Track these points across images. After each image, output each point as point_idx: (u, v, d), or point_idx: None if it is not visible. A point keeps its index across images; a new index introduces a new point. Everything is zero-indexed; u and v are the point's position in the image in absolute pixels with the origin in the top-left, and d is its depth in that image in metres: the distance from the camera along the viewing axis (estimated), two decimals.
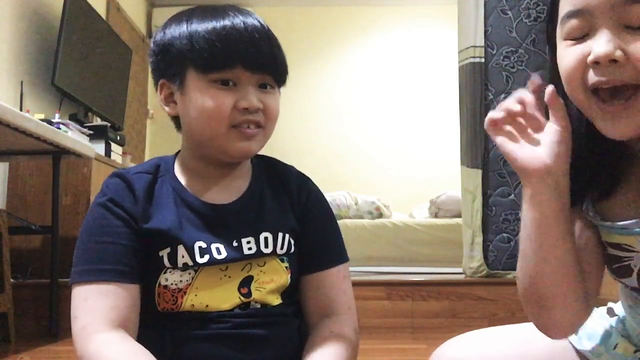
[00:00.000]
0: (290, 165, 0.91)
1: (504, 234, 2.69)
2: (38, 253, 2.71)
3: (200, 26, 0.76)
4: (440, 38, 4.89)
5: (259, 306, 0.79)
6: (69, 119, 3.03)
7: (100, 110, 3.43)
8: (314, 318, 0.84)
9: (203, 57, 0.75)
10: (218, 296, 0.77)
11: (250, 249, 0.79)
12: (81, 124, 3.06)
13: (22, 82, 2.88)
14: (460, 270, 2.82)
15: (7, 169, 2.85)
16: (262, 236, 0.80)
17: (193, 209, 0.80)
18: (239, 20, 0.76)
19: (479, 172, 2.71)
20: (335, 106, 5.04)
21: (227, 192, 0.83)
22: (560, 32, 0.68)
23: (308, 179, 0.90)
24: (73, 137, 2.46)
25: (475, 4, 2.79)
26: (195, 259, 0.76)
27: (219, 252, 0.77)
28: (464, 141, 2.83)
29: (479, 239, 2.67)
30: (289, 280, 0.82)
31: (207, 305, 0.76)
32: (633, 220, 0.69)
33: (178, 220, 0.78)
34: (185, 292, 0.76)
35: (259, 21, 0.79)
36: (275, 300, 0.80)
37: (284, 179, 0.87)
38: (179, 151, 0.86)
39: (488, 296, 2.49)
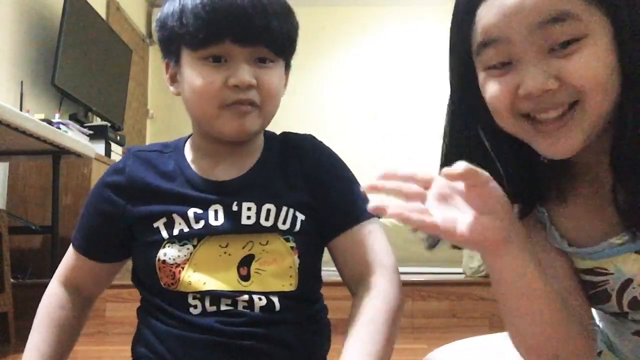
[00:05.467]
0: (307, 134, 0.86)
1: None
2: (38, 253, 2.71)
3: (190, 1, 0.72)
4: (441, 38, 4.87)
5: (263, 303, 0.74)
6: (69, 119, 3.03)
7: (100, 110, 3.43)
8: (351, 287, 0.79)
9: (190, 33, 0.72)
10: (216, 274, 0.74)
11: (249, 217, 0.76)
12: (81, 124, 3.06)
13: (22, 82, 2.88)
14: (460, 270, 2.82)
15: (7, 169, 2.85)
16: (264, 207, 0.76)
17: (193, 185, 0.78)
18: None
19: None
20: (336, 106, 5.04)
21: (233, 169, 0.80)
22: (477, 60, 0.64)
23: (321, 144, 0.85)
24: (73, 137, 2.46)
25: None
26: (190, 224, 0.75)
27: (215, 218, 0.75)
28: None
29: None
30: (297, 262, 0.76)
31: (204, 283, 0.74)
32: (602, 243, 0.66)
33: (175, 187, 0.78)
34: (182, 268, 0.75)
35: None
36: (281, 286, 0.75)
37: (299, 148, 0.83)
38: None
39: (488, 296, 2.48)
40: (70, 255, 0.86)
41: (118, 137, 3.38)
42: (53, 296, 0.86)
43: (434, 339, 1.97)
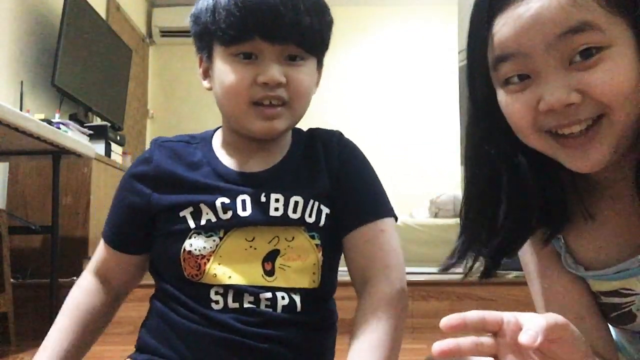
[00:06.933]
0: (334, 130, 0.87)
1: None
2: (38, 253, 2.71)
3: None
4: (440, 38, 4.88)
5: (285, 302, 0.74)
6: (69, 119, 3.02)
7: (100, 110, 3.43)
8: (357, 282, 0.78)
9: (222, 30, 0.72)
10: (241, 268, 0.74)
11: (277, 209, 0.75)
12: (81, 124, 3.05)
13: (22, 82, 2.88)
14: (460, 270, 2.82)
15: (7, 169, 2.85)
16: (292, 199, 0.76)
17: (221, 176, 0.78)
18: None
19: None
20: (336, 106, 5.03)
21: (261, 163, 0.80)
22: (495, 77, 0.62)
23: (348, 140, 0.86)
24: (73, 137, 2.46)
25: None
26: (218, 214, 0.75)
27: (243, 208, 0.75)
28: (464, 141, 2.83)
29: None
30: (321, 259, 0.76)
31: (229, 277, 0.74)
32: (629, 260, 0.63)
33: (202, 177, 0.78)
34: (208, 260, 0.74)
35: None
36: (303, 282, 0.75)
37: (326, 142, 0.83)
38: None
39: (488, 296, 2.48)
40: (100, 247, 0.86)
41: (118, 137, 3.38)
42: (83, 283, 0.85)
43: (434, 339, 1.97)
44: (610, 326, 0.73)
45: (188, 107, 4.96)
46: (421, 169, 4.89)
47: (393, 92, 5.09)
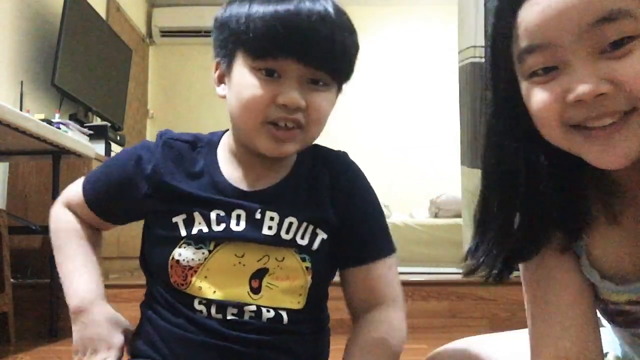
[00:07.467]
0: (340, 152, 0.84)
1: None
2: (38, 253, 2.70)
3: (261, 8, 0.68)
4: (440, 38, 4.88)
5: (271, 315, 0.73)
6: (69, 119, 3.02)
7: (100, 110, 3.43)
8: (357, 310, 0.79)
9: (251, 41, 0.69)
10: (228, 283, 0.73)
11: (270, 228, 0.74)
12: (81, 124, 3.05)
13: (22, 82, 2.88)
14: (460, 270, 2.82)
15: (7, 169, 2.85)
16: (287, 220, 0.74)
17: (219, 190, 0.76)
18: (304, 5, 0.68)
19: (479, 172, 2.70)
20: (336, 106, 5.03)
21: (263, 180, 0.78)
22: (520, 69, 0.59)
23: (355, 166, 0.83)
24: (73, 137, 2.46)
25: (475, 4, 2.78)
26: (211, 226, 0.73)
27: (237, 223, 0.74)
28: (464, 141, 2.83)
29: None
30: (309, 282, 0.75)
31: (214, 292, 0.73)
32: None
33: (200, 190, 0.76)
34: (195, 272, 0.73)
35: (330, 8, 0.70)
36: (289, 303, 0.75)
37: (331, 165, 0.81)
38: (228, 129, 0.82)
39: (488, 296, 2.48)
40: (78, 196, 0.84)
41: (118, 137, 3.38)
42: (65, 213, 0.85)
43: (434, 339, 1.97)
44: (607, 323, 0.72)
45: (188, 107, 4.96)
46: (421, 169, 4.89)
47: (393, 91, 5.09)
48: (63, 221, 0.85)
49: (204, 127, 1.03)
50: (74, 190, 0.85)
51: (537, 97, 0.57)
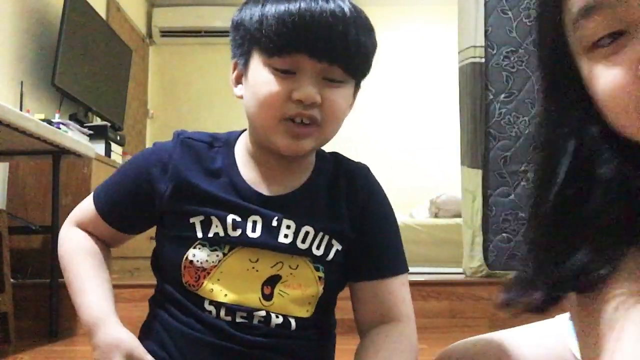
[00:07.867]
0: (361, 164, 0.84)
1: (504, 234, 2.68)
2: (38, 253, 2.71)
3: (274, 7, 0.69)
4: (440, 38, 4.88)
5: (280, 320, 0.74)
6: (69, 119, 3.03)
7: (100, 110, 3.43)
8: (367, 325, 0.79)
9: (266, 40, 0.69)
10: (240, 288, 0.73)
11: (286, 236, 0.74)
12: (81, 124, 3.06)
13: (22, 82, 2.88)
14: (460, 270, 2.82)
15: (7, 169, 2.85)
16: (303, 229, 0.75)
17: (238, 191, 0.76)
18: (317, 4, 0.69)
19: (479, 172, 2.71)
20: None
21: (281, 185, 0.78)
22: (576, 41, 0.47)
23: (374, 180, 0.83)
24: (73, 137, 2.45)
25: (475, 4, 2.79)
26: (227, 230, 0.74)
27: (253, 229, 0.74)
28: (464, 141, 2.83)
29: (479, 239, 2.67)
30: (321, 292, 0.76)
31: (225, 295, 0.73)
32: None
33: (219, 191, 0.76)
34: (208, 274, 0.73)
35: (344, 6, 0.70)
36: (298, 312, 0.75)
37: (352, 177, 0.81)
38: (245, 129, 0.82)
39: (488, 296, 2.48)
40: (89, 210, 0.82)
41: (118, 137, 3.38)
42: (74, 233, 0.82)
43: (434, 339, 1.97)
44: None
45: (188, 107, 4.97)
46: (421, 169, 4.89)
47: (393, 91, 5.08)
48: (73, 240, 0.82)
49: (204, 127, 1.03)
50: (84, 208, 0.83)
51: (604, 76, 0.44)
